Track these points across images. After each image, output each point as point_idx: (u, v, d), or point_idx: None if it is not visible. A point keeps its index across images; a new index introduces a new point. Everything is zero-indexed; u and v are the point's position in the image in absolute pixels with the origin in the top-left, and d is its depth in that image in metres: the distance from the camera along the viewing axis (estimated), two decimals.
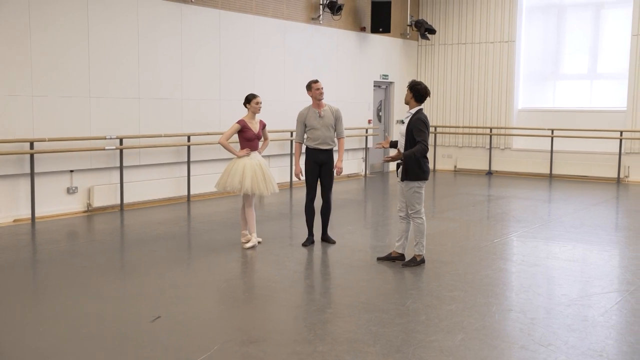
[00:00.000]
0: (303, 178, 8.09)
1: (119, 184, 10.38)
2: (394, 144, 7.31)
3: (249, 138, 7.84)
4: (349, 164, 15.19)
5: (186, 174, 11.42)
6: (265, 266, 7.19)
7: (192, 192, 11.46)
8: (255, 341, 4.88)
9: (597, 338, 4.96)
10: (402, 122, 7.16)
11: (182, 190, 11.42)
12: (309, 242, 8.07)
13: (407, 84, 7.17)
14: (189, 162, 11.38)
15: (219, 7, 11.91)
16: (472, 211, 10.92)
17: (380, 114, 16.48)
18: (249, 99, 7.93)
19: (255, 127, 7.91)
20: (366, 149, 15.59)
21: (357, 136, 15.32)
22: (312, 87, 7.94)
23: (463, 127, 16.70)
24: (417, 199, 6.98)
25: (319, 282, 6.56)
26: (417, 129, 6.87)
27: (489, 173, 16.12)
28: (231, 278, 6.92)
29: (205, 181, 11.55)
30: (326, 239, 8.18)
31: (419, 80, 7.24)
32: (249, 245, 7.87)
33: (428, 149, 6.94)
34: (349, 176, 15.12)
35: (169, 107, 11.17)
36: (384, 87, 16.50)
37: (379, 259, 7.30)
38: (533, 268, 7.07)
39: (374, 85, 15.96)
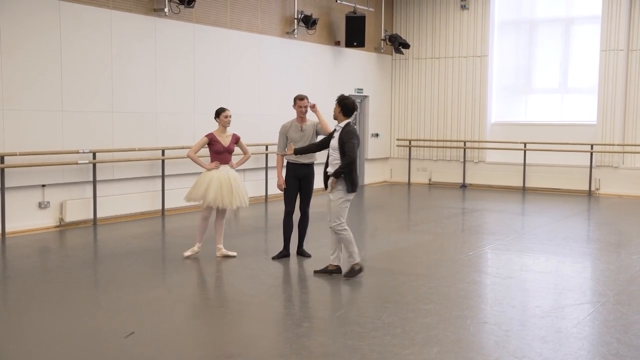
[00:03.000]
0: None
1: (92, 199, 10.27)
2: (298, 151, 7.47)
3: (217, 151, 7.93)
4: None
5: (160, 188, 11.34)
6: (240, 280, 7.15)
7: (166, 206, 11.38)
8: (231, 356, 4.85)
9: (570, 349, 5.01)
10: (333, 136, 7.23)
11: (156, 204, 11.33)
12: (281, 255, 8.03)
13: (336, 99, 7.23)
14: (163, 176, 11.31)
15: (193, 21, 11.90)
16: (446, 224, 10.99)
17: (355, 126, 16.51)
18: (218, 113, 8.05)
19: (225, 141, 7.98)
20: None
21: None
22: (296, 102, 8.06)
23: (437, 140, 16.83)
24: (343, 211, 7.07)
25: (294, 295, 6.54)
26: (347, 141, 6.96)
27: (463, 186, 16.25)
28: (206, 292, 6.88)
29: (180, 195, 11.38)
30: (301, 252, 8.16)
31: (347, 95, 7.34)
32: (188, 253, 8.00)
33: (354, 159, 6.99)
34: (324, 190, 15.10)
35: (143, 121, 11.10)
36: (359, 100, 16.58)
37: (315, 272, 7.27)
38: (507, 280, 7.13)
39: None
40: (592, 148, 14.74)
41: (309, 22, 13.96)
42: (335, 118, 7.23)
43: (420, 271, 7.48)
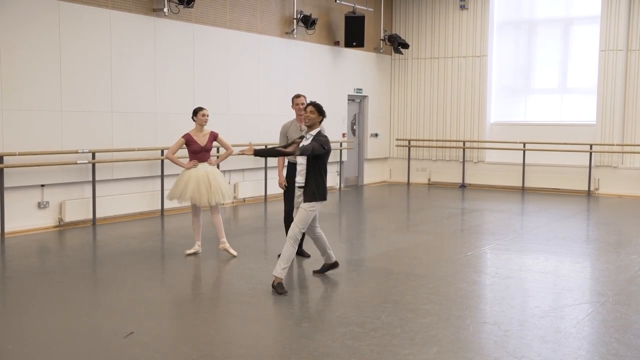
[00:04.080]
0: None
1: (92, 199, 10.27)
2: (258, 152, 6.76)
3: (195, 151, 8.08)
4: None
5: (160, 188, 11.33)
6: (239, 280, 7.15)
7: (165, 207, 11.37)
8: (230, 356, 4.85)
9: (569, 349, 5.01)
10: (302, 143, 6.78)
11: (155, 204, 11.33)
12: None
13: (314, 105, 6.77)
14: (162, 176, 11.30)
15: (192, 21, 11.90)
16: (446, 224, 10.99)
17: (354, 127, 16.55)
18: (196, 112, 8.18)
19: (202, 140, 8.12)
20: (341, 162, 15.63)
21: (332, 150, 15.31)
22: (293, 101, 8.08)
23: (437, 140, 16.83)
24: (307, 219, 6.69)
25: (294, 296, 6.54)
26: (318, 142, 6.63)
27: (463, 186, 16.25)
28: (205, 293, 6.88)
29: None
30: (301, 252, 8.16)
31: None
32: (189, 251, 8.17)
33: (315, 154, 6.63)
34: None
35: (142, 121, 11.10)
36: (358, 100, 16.59)
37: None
38: (506, 280, 7.12)
39: (348, 99, 16.03)
40: (591, 148, 14.74)
41: (308, 22, 13.95)
42: (311, 125, 6.77)
43: (419, 271, 7.48)
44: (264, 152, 7.08)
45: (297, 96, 8.08)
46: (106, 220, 10.53)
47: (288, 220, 8.04)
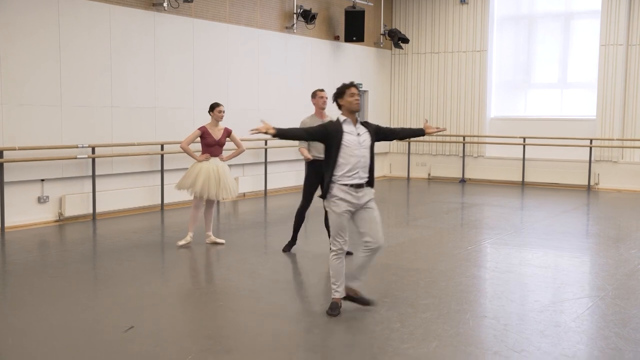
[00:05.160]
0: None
1: (92, 193, 10.27)
2: (280, 132, 5.57)
3: (209, 144, 8.26)
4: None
5: (160, 183, 11.33)
6: (239, 275, 7.16)
7: (165, 201, 11.38)
8: (230, 350, 4.86)
9: (568, 343, 5.02)
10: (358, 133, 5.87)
11: (155, 199, 11.33)
12: (290, 245, 8.09)
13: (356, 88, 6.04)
14: (162, 171, 11.30)
15: (192, 15, 11.88)
16: (445, 219, 11.00)
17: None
18: (213, 107, 8.38)
19: (217, 134, 8.29)
20: None
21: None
22: (317, 94, 8.00)
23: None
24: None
25: (293, 290, 6.55)
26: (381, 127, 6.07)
27: (462, 181, 16.25)
28: (205, 287, 6.88)
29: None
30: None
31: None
32: (181, 243, 8.27)
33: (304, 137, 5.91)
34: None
35: (142, 116, 11.09)
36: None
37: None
38: (506, 275, 7.13)
39: None
40: (591, 143, 14.74)
41: (308, 16, 13.93)
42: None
43: (419, 266, 7.48)
44: (288, 132, 5.71)
45: (321, 90, 8.03)
46: (106, 214, 10.54)
47: (302, 214, 8.02)
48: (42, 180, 9.79)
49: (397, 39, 16.38)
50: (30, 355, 4.76)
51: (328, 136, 5.70)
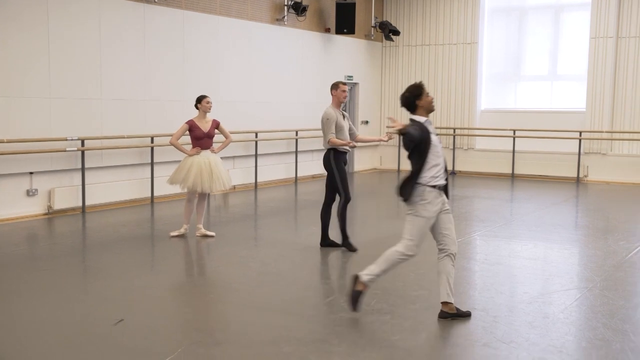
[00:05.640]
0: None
1: (81, 186, 10.23)
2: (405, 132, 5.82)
3: (198, 137, 8.25)
4: (313, 164, 15.20)
5: (149, 176, 11.29)
6: (229, 268, 7.15)
7: (155, 194, 11.34)
8: (220, 343, 4.86)
9: (557, 334, 5.05)
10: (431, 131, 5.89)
11: (145, 191, 11.30)
12: (350, 244, 7.82)
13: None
14: (152, 164, 11.26)
15: (182, 7, 11.82)
16: None
17: (344, 114, 16.50)
18: (200, 99, 8.37)
19: (205, 127, 8.29)
20: None
21: (322, 137, 15.30)
22: (339, 87, 7.84)
23: None
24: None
25: (283, 283, 6.55)
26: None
27: (453, 173, 16.29)
28: (195, 280, 6.88)
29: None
30: (331, 243, 7.97)
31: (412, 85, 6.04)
32: (174, 233, 8.32)
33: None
34: (313, 177, 15.13)
35: (132, 108, 11.04)
36: (349, 88, 16.53)
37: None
38: (495, 267, 7.16)
39: None
40: (580, 135, 14.80)
41: (299, 8, 13.89)
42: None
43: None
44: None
45: (344, 83, 7.91)
46: (96, 207, 10.50)
47: (345, 209, 7.76)
48: (31, 173, 9.74)
49: (388, 31, 16.37)
50: (19, 349, 4.75)
51: (421, 138, 5.61)
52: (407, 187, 5.37)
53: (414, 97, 5.80)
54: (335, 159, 7.73)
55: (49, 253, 7.86)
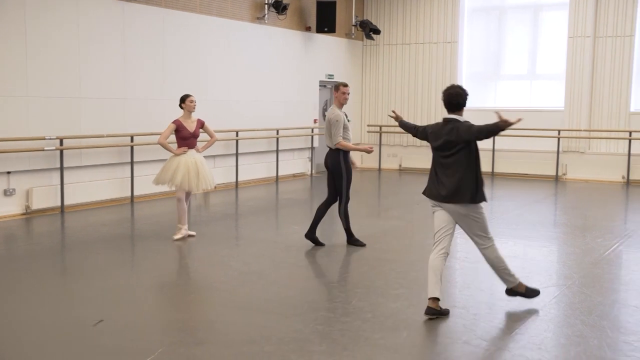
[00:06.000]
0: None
1: (60, 186, 10.13)
2: (402, 123, 6.35)
3: (184, 137, 8.19)
4: (294, 163, 15.20)
5: (129, 175, 11.21)
6: (210, 267, 7.13)
7: (135, 193, 11.27)
8: (201, 343, 4.84)
9: (536, 331, 5.10)
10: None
11: (125, 191, 11.21)
12: (356, 239, 7.93)
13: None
14: (132, 163, 11.18)
15: (162, 5, 11.74)
16: (416, 210, 11.07)
17: (326, 113, 16.52)
18: (183, 99, 8.30)
19: (191, 126, 8.23)
20: (312, 148, 15.62)
21: (303, 136, 15.34)
22: (340, 89, 7.85)
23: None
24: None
25: (264, 282, 6.54)
26: (470, 126, 5.79)
27: None
28: (176, 279, 6.84)
29: (149, 182, 11.31)
30: (314, 238, 8.08)
31: (450, 85, 6.06)
32: (177, 237, 8.15)
33: (414, 131, 6.14)
34: (294, 176, 15.13)
35: (111, 107, 10.95)
36: (330, 86, 16.56)
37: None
38: (475, 265, 7.20)
39: (320, 85, 16.00)
40: (559, 134, 14.94)
41: (279, 7, 13.87)
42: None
43: (390, 256, 7.53)
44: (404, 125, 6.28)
45: (345, 85, 7.92)
46: (75, 207, 10.41)
47: (347, 211, 7.94)
48: (9, 172, 9.62)
49: (369, 30, 16.39)
50: None
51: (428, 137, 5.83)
52: (481, 190, 5.53)
53: (464, 98, 5.93)
54: (345, 160, 7.80)
55: (27, 253, 7.78)
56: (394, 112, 6.62)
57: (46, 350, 4.70)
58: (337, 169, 7.77)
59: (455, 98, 5.76)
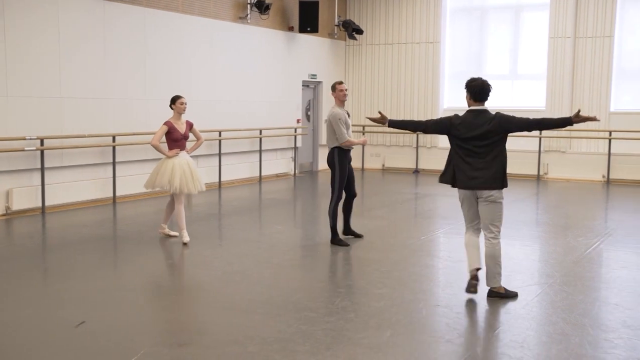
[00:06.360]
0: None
1: (40, 186, 10.03)
2: (393, 123, 6.48)
3: (175, 139, 8.07)
4: (278, 163, 15.18)
5: (112, 175, 11.14)
6: (193, 267, 7.10)
7: (118, 194, 11.19)
8: (184, 344, 4.82)
9: (518, 330, 5.14)
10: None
11: (107, 191, 11.14)
12: (344, 242, 8.00)
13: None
14: (114, 163, 11.10)
15: (144, 5, 11.67)
16: (399, 209, 11.11)
17: (308, 113, 16.54)
18: (174, 100, 8.18)
19: (181, 128, 8.13)
20: (295, 148, 15.61)
21: (286, 135, 15.33)
22: (336, 88, 7.99)
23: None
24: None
25: (248, 282, 6.53)
26: (512, 118, 6.04)
27: (416, 171, 16.43)
28: (158, 280, 6.81)
29: (131, 182, 11.31)
30: (353, 232, 8.36)
31: (474, 77, 6.23)
32: (186, 240, 7.96)
33: (420, 126, 6.45)
34: (277, 175, 15.11)
35: (93, 107, 10.86)
36: (313, 86, 16.57)
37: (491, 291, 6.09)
38: (458, 264, 7.24)
39: (303, 85, 16.00)
40: (540, 133, 15.06)
41: (262, 7, 13.84)
42: (470, 106, 6.20)
43: (373, 256, 7.54)
44: (400, 123, 6.56)
45: (340, 82, 8.09)
46: (56, 208, 10.31)
47: (338, 206, 8.06)
48: None
49: (351, 30, 16.42)
50: None
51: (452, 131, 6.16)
52: (504, 175, 5.90)
53: (489, 91, 6.16)
54: (339, 157, 7.90)
55: (7, 255, 7.69)
56: (379, 113, 6.64)
57: (28, 351, 4.66)
58: (332, 167, 7.93)
59: (488, 87, 6.07)
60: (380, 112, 6.65)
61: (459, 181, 5.96)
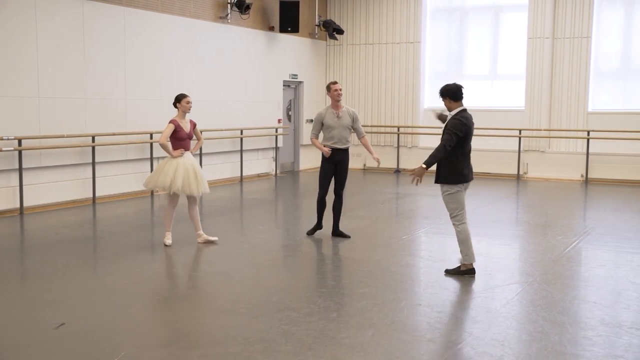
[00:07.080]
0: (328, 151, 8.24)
1: (19, 187, 9.92)
2: (428, 163, 6.78)
3: (180, 138, 7.84)
4: (258, 163, 15.15)
5: (91, 175, 11.04)
6: (176, 268, 7.06)
7: (97, 194, 11.10)
8: (165, 345, 4.80)
9: (499, 328, 5.18)
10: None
11: (87, 192, 11.04)
12: (316, 229, 8.45)
13: (439, 92, 7.07)
14: (93, 163, 11.01)
15: (123, 4, 11.58)
16: (381, 209, 11.14)
17: (290, 113, 16.52)
18: (179, 99, 7.92)
19: (186, 127, 7.94)
20: (276, 148, 15.59)
21: (267, 135, 15.30)
22: (331, 88, 8.21)
23: (371, 126, 16.98)
24: (450, 204, 6.75)
25: (230, 283, 6.51)
26: (446, 130, 6.68)
27: (397, 171, 16.48)
28: (140, 282, 6.76)
29: (111, 182, 11.23)
30: (340, 233, 8.45)
31: (445, 84, 7.04)
32: (168, 242, 7.86)
33: (447, 150, 6.59)
34: (259, 176, 15.08)
35: (71, 107, 10.76)
36: (294, 86, 16.55)
37: (447, 271, 6.75)
38: (440, 263, 7.28)
39: (284, 85, 15.98)
40: (520, 133, 15.18)
41: (242, 6, 13.80)
42: (450, 110, 6.87)
43: (355, 255, 7.56)
44: (433, 161, 6.72)
45: (334, 82, 8.28)
46: (35, 209, 10.20)
47: (323, 201, 8.48)
48: None
49: (332, 30, 16.43)
50: None
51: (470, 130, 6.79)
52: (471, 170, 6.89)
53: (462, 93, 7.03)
54: (322, 156, 8.32)
55: None
56: (413, 170, 6.83)
57: (6, 354, 4.60)
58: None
59: (462, 87, 7.09)
60: (413, 170, 6.81)
61: (467, 176, 6.70)
